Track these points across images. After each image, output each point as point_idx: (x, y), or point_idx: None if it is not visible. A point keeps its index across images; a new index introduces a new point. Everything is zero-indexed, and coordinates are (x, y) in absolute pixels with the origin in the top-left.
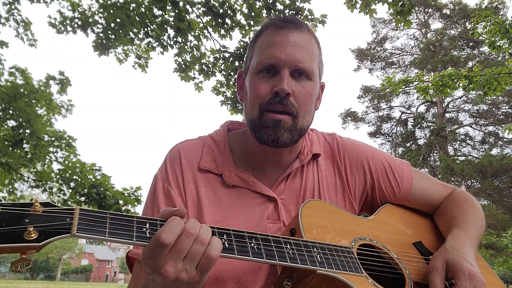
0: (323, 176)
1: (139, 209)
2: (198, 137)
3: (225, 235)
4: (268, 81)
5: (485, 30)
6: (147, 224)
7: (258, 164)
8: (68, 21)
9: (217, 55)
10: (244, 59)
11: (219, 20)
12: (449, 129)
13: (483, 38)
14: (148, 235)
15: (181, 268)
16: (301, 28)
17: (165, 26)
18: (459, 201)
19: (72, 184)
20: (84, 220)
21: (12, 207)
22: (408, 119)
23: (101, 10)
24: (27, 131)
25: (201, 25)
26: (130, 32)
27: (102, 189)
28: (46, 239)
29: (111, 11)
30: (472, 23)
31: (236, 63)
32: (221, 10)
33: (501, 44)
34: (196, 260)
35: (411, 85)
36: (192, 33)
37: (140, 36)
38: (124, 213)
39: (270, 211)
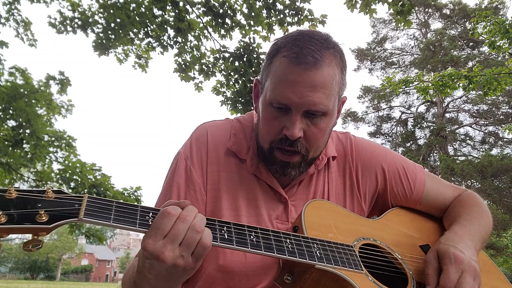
0: (333, 179)
1: None
2: (226, 118)
3: (225, 227)
4: (280, 119)
5: (485, 30)
6: (150, 213)
7: None
8: (68, 21)
9: (217, 55)
10: (261, 70)
11: (219, 20)
12: (449, 129)
13: (483, 38)
14: (150, 223)
15: (178, 254)
16: (320, 63)
17: (165, 26)
18: (465, 201)
19: (72, 184)
20: (91, 207)
21: (27, 192)
22: (408, 119)
23: (101, 10)
24: (27, 131)
25: (201, 25)
26: (130, 32)
27: (102, 189)
28: (55, 222)
29: (111, 11)
30: (472, 23)
31: (236, 63)
32: (221, 10)
33: (501, 44)
34: (191, 247)
35: (411, 85)
36: (192, 33)
37: (140, 36)
38: (129, 203)
39: (280, 212)
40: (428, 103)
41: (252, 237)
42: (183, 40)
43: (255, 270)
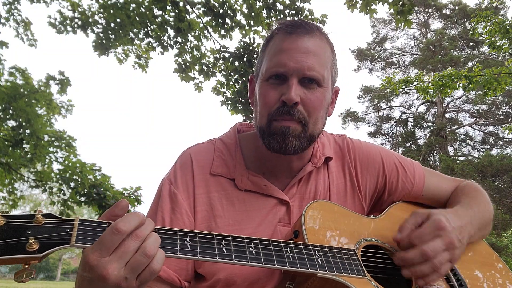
0: (333, 178)
1: (139, 209)
2: (208, 140)
3: (223, 241)
4: (277, 89)
5: (485, 30)
6: None
7: (269, 168)
8: (68, 21)
9: (217, 55)
10: (256, 63)
11: (219, 20)
12: (449, 129)
13: (483, 38)
14: None
15: (123, 275)
16: (311, 32)
17: (165, 26)
18: (465, 189)
19: (72, 184)
20: (83, 231)
21: (16, 219)
22: (408, 119)
23: (101, 10)
24: (27, 131)
25: (201, 25)
26: (130, 32)
27: (102, 189)
28: (46, 250)
29: (111, 11)
30: (472, 23)
31: (236, 63)
32: (221, 10)
33: (501, 44)
34: (138, 271)
35: (411, 85)
36: (192, 33)
37: (140, 36)
38: None
39: (282, 214)
40: (428, 103)
41: (251, 249)
42: (183, 40)
43: (257, 278)
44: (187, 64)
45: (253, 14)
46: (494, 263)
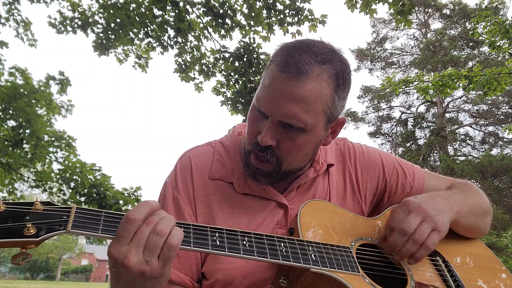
0: (333, 181)
1: None
2: (208, 143)
3: (217, 233)
4: (258, 122)
5: (485, 30)
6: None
7: None
8: (68, 21)
9: (217, 55)
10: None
11: (219, 20)
12: (449, 129)
13: (483, 38)
14: None
15: (143, 259)
16: (303, 76)
17: (165, 26)
18: (455, 184)
19: (72, 184)
20: (79, 218)
21: (16, 205)
22: (408, 119)
23: (101, 10)
24: (27, 131)
25: (201, 25)
26: (130, 32)
27: (102, 189)
28: (43, 235)
29: (111, 11)
30: (472, 23)
31: (236, 63)
32: (221, 10)
33: (501, 44)
34: (156, 251)
35: (411, 85)
36: (192, 33)
37: (140, 36)
38: (119, 212)
39: (279, 217)
40: (428, 103)
41: (245, 242)
42: (183, 40)
43: (255, 279)
44: (187, 64)
45: (253, 14)
46: (494, 266)
